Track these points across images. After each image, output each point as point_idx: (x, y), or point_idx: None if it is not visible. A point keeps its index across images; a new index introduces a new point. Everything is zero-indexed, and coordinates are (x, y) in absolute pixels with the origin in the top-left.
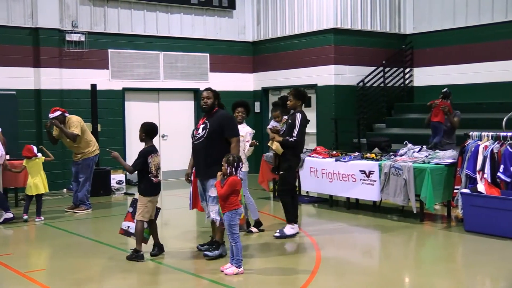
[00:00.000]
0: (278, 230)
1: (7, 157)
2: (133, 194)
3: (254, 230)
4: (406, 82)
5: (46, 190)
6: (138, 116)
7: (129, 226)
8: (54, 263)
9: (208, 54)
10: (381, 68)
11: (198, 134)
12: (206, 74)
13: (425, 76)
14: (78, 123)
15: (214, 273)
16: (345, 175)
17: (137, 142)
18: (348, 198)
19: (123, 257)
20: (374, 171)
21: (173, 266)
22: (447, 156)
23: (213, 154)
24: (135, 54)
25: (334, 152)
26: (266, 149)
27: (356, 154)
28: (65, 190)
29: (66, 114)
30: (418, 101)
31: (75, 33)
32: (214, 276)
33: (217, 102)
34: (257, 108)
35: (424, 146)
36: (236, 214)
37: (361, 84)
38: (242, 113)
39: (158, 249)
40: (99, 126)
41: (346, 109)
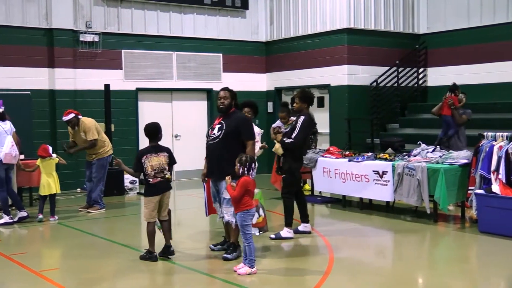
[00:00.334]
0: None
1: (22, 156)
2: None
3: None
4: (420, 82)
5: (58, 190)
6: (151, 116)
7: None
8: (68, 262)
9: (221, 54)
10: (394, 68)
11: (213, 134)
12: (219, 74)
13: (439, 76)
14: (93, 127)
15: (227, 273)
16: (358, 176)
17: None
18: (361, 199)
19: (137, 257)
20: (387, 172)
21: (186, 266)
22: (461, 156)
23: (227, 155)
24: (148, 54)
25: (347, 152)
26: None
27: (369, 154)
28: (79, 190)
29: (80, 117)
30: (432, 101)
31: (89, 33)
32: (227, 276)
33: (234, 103)
34: (270, 108)
35: (438, 146)
36: (248, 214)
37: (374, 84)
38: (248, 113)
39: (165, 251)
40: (113, 126)
41: (359, 109)
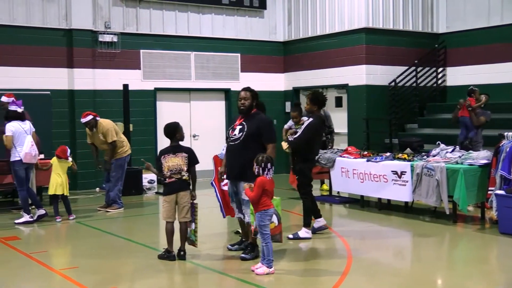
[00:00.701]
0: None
1: (41, 156)
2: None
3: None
4: (439, 82)
5: (66, 193)
6: (169, 116)
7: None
8: (87, 261)
9: (239, 54)
10: (413, 67)
11: (234, 135)
12: (237, 74)
13: (458, 75)
14: (111, 129)
15: (245, 273)
16: (376, 176)
17: (168, 142)
18: (379, 199)
19: (155, 256)
20: (406, 172)
21: (203, 265)
22: (481, 156)
23: (248, 156)
24: (167, 54)
25: (365, 152)
26: None
27: (387, 154)
28: (97, 189)
29: (98, 118)
30: (451, 101)
31: (108, 34)
32: (244, 276)
33: (255, 103)
34: (287, 108)
35: (457, 146)
36: (265, 214)
37: (393, 84)
38: None
39: (177, 254)
40: (131, 126)
41: (377, 109)
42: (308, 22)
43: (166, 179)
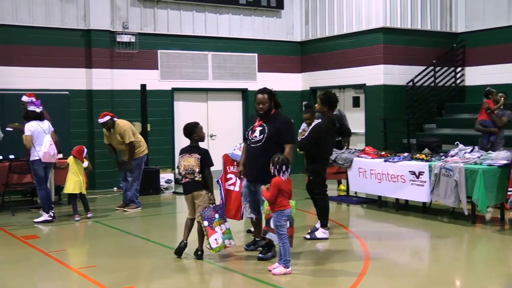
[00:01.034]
0: (309, 231)
1: (60, 156)
2: (181, 193)
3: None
4: (458, 81)
5: (84, 191)
6: (186, 116)
7: (216, 239)
8: (105, 260)
9: (256, 54)
10: (431, 67)
11: (254, 137)
12: (254, 74)
13: (477, 75)
14: (128, 129)
15: (262, 273)
16: (394, 176)
17: (185, 142)
18: (397, 199)
19: (172, 256)
20: (424, 172)
21: (220, 265)
22: (500, 157)
23: (269, 158)
24: (184, 54)
25: (383, 152)
26: None
27: (405, 154)
28: (115, 189)
29: (115, 119)
30: (470, 101)
31: (126, 34)
32: (261, 276)
33: (273, 103)
34: None
35: (476, 147)
36: (282, 215)
37: (410, 83)
38: None
39: (194, 252)
40: (149, 126)
41: (395, 109)
42: (325, 22)
43: (182, 179)
